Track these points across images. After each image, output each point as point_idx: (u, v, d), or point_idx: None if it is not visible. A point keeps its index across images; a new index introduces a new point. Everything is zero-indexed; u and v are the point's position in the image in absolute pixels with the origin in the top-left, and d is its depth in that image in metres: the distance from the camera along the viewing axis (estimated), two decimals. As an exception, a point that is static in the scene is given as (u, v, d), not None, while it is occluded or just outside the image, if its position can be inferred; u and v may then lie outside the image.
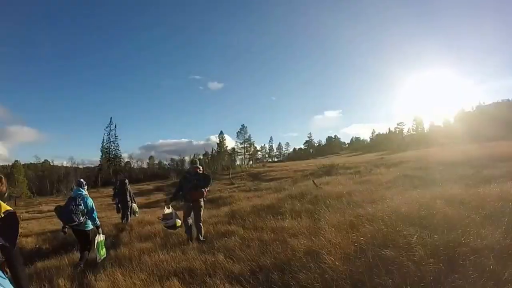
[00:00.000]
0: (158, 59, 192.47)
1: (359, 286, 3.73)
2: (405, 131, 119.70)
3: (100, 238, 7.04)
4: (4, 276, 2.26)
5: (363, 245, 4.60)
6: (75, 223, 6.55)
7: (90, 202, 6.90)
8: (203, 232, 7.64)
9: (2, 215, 2.26)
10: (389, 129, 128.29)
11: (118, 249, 7.73)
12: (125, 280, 5.22)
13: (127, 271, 5.72)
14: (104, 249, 7.09)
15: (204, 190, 7.61)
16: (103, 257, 6.92)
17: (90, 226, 6.89)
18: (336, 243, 4.92)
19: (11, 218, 2.36)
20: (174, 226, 7.63)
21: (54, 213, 7.58)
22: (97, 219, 7.04)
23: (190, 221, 7.65)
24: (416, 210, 5.78)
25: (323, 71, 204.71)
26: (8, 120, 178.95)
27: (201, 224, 7.62)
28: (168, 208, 7.72)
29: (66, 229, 7.09)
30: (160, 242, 7.79)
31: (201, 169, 7.93)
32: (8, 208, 2.40)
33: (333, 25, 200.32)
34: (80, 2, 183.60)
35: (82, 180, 7.37)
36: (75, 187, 7.27)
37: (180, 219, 7.70)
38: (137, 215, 13.02)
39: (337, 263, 4.23)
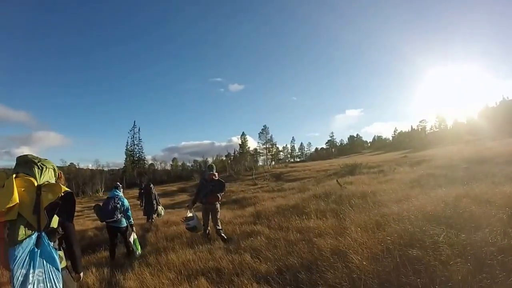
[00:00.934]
0: (180, 62, 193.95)
1: (386, 285, 3.75)
2: (427, 128, 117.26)
3: (134, 235, 7.71)
4: (58, 269, 2.66)
5: (389, 245, 4.60)
6: (113, 219, 7.38)
7: (126, 202, 7.81)
8: (221, 228, 8.09)
9: (62, 194, 2.72)
10: (411, 126, 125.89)
11: (145, 248, 7.95)
12: (153, 279, 5.33)
13: (155, 271, 5.87)
14: (139, 246, 7.73)
15: (219, 195, 8.13)
16: (140, 252, 7.58)
17: (124, 223, 7.62)
18: (362, 242, 4.95)
19: (69, 197, 2.80)
20: (195, 228, 8.10)
21: (82, 213, 7.98)
22: (131, 218, 7.79)
23: (207, 223, 8.22)
24: (442, 209, 5.75)
25: (343, 70, 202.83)
26: (34, 126, 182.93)
27: (219, 223, 8.09)
28: (190, 212, 8.20)
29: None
30: (186, 242, 7.91)
31: (216, 175, 8.42)
32: (67, 189, 2.82)
33: (351, 23, 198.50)
34: (103, 7, 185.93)
35: (118, 183, 8.47)
36: (113, 189, 8.15)
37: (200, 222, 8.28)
38: (160, 217, 13.22)
39: (364, 263, 4.26)
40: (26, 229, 2.60)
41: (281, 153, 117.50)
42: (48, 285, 2.58)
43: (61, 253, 2.89)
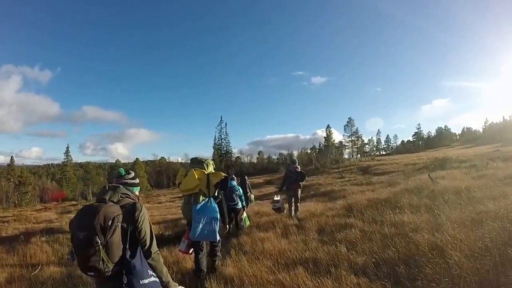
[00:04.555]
0: (262, 57, 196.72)
1: (485, 284, 3.67)
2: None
3: (245, 214, 9.57)
4: (217, 218, 5.14)
5: (488, 243, 4.44)
6: (234, 203, 9.16)
7: (240, 189, 9.85)
8: (299, 210, 10.85)
9: (223, 177, 5.23)
10: (503, 117, 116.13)
11: (240, 237, 8.21)
12: (251, 267, 5.47)
13: (252, 259, 6.05)
14: (248, 222, 9.82)
15: (300, 183, 10.68)
16: (248, 226, 9.54)
17: (240, 205, 9.36)
18: (460, 239, 4.81)
19: (226, 179, 5.32)
20: (279, 209, 10.70)
21: (174, 202, 9.54)
22: (244, 201, 9.78)
23: (293, 206, 10.67)
24: (542, 208, 5.42)
25: (429, 59, 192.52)
26: (127, 124, 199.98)
27: (298, 204, 10.90)
28: (277, 196, 10.91)
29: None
30: (280, 233, 8.11)
31: (299, 168, 10.99)
32: (225, 174, 5.31)
33: (435, 14, 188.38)
34: (188, 8, 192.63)
35: (234, 176, 10.62)
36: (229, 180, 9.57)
37: (284, 205, 10.87)
38: (251, 204, 13.95)
39: (463, 260, 4.17)
40: (203, 196, 5.16)
41: (367, 146, 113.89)
42: (213, 224, 5.08)
43: None
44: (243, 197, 9.83)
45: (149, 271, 2.67)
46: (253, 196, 14.57)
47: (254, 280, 4.96)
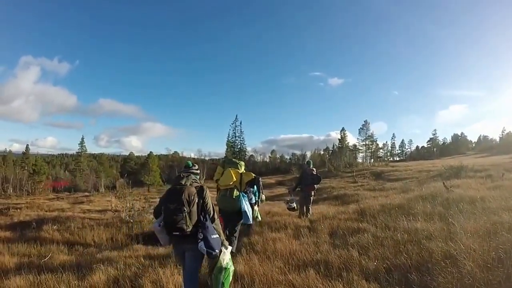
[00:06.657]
0: (283, 57, 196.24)
1: (496, 296, 3.61)
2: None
3: (256, 208, 9.55)
4: (247, 202, 6.81)
5: (501, 254, 4.40)
6: (249, 198, 9.00)
7: (255, 186, 9.39)
8: (311, 212, 11.29)
9: (253, 177, 7.05)
10: None
11: (251, 237, 8.27)
12: (262, 266, 5.48)
13: (263, 258, 6.06)
14: (259, 216, 9.62)
15: (315, 186, 11.18)
16: (259, 220, 9.57)
17: (253, 200, 9.06)
18: (474, 249, 4.77)
19: (255, 178, 7.12)
20: (294, 208, 11.16)
21: None
22: (257, 197, 9.89)
23: (305, 207, 11.18)
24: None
25: (447, 64, 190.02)
26: (142, 118, 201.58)
27: (310, 206, 11.38)
28: (291, 195, 11.77)
29: None
30: (292, 234, 8.14)
31: (315, 171, 11.39)
32: (255, 175, 7.13)
33: (448, 19, 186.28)
34: (208, 5, 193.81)
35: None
36: None
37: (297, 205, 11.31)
38: (263, 202, 14.10)
39: (476, 270, 4.13)
40: (236, 191, 6.66)
41: (381, 150, 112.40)
42: (248, 207, 6.68)
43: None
44: (257, 193, 9.88)
45: (214, 230, 4.08)
46: (264, 196, 14.82)
47: (265, 279, 4.96)
